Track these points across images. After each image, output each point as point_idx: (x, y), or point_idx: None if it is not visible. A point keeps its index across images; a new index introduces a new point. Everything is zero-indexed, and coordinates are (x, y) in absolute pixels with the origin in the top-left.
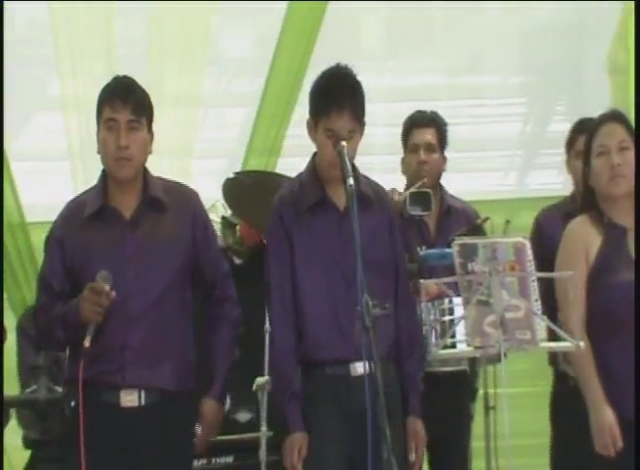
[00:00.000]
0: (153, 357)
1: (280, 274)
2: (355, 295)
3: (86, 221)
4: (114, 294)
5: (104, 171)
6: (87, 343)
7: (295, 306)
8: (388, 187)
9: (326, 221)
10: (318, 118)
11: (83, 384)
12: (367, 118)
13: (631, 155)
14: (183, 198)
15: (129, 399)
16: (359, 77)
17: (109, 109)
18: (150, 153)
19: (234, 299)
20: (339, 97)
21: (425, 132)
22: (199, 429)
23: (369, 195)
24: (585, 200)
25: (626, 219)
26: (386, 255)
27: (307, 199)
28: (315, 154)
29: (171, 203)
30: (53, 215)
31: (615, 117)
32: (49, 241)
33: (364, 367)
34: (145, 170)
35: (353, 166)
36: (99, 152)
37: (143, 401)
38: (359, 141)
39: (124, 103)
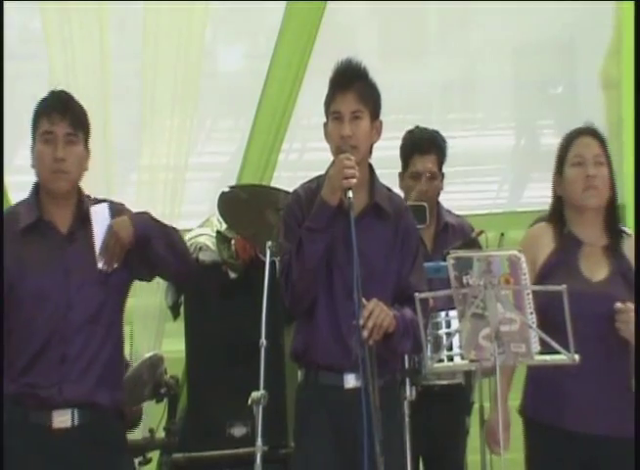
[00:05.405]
0: (87, 371)
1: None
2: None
3: (20, 234)
4: None
5: (36, 185)
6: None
7: None
8: None
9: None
10: (327, 110)
11: (7, 402)
12: None
13: (605, 171)
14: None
15: (62, 419)
16: None
17: (46, 122)
18: (86, 169)
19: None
20: (342, 79)
21: (426, 161)
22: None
23: (386, 208)
24: (553, 209)
25: (586, 233)
26: (391, 267)
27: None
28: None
29: None
30: None
31: (591, 131)
32: None
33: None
34: (79, 187)
35: (374, 177)
36: (33, 166)
37: (76, 421)
38: (370, 128)
39: (62, 116)
